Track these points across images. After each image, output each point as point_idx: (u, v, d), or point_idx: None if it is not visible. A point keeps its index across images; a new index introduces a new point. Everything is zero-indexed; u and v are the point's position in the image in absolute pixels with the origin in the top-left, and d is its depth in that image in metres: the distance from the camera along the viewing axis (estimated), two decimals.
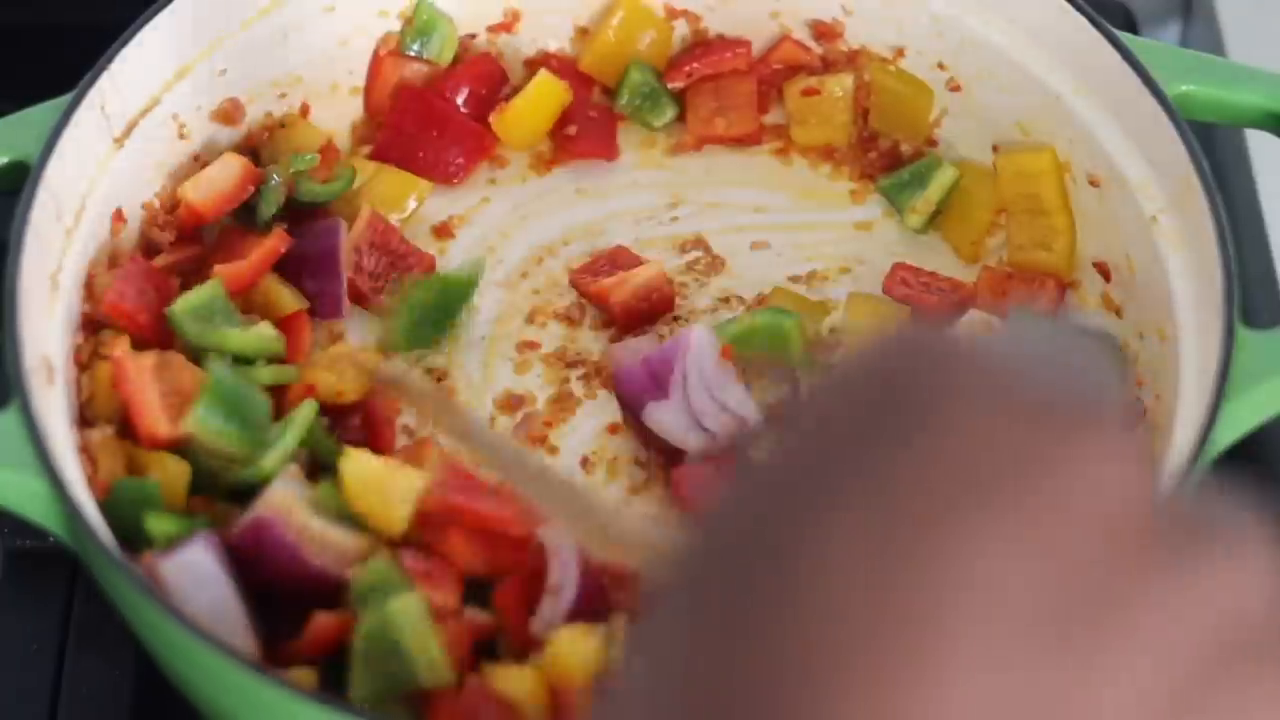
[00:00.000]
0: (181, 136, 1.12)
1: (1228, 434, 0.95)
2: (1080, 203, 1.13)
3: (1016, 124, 1.16)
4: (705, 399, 1.03)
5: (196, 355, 1.03)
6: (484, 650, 0.95)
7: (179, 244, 1.10)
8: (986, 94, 1.17)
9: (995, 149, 1.16)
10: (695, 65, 1.21)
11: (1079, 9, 1.10)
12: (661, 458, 1.06)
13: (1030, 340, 0.49)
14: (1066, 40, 1.11)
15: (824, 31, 1.20)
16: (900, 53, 1.19)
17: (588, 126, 1.20)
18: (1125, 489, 0.45)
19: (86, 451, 0.98)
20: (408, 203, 1.17)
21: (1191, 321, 1.02)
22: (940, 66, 1.18)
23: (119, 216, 1.07)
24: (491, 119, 1.19)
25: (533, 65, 1.22)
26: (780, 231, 1.17)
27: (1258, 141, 1.26)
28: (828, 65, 1.21)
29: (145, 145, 1.10)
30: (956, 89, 1.18)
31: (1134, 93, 1.07)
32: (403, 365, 1.08)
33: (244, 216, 1.12)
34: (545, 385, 1.10)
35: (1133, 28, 1.36)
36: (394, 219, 1.15)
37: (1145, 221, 1.07)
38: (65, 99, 1.04)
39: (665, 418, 1.04)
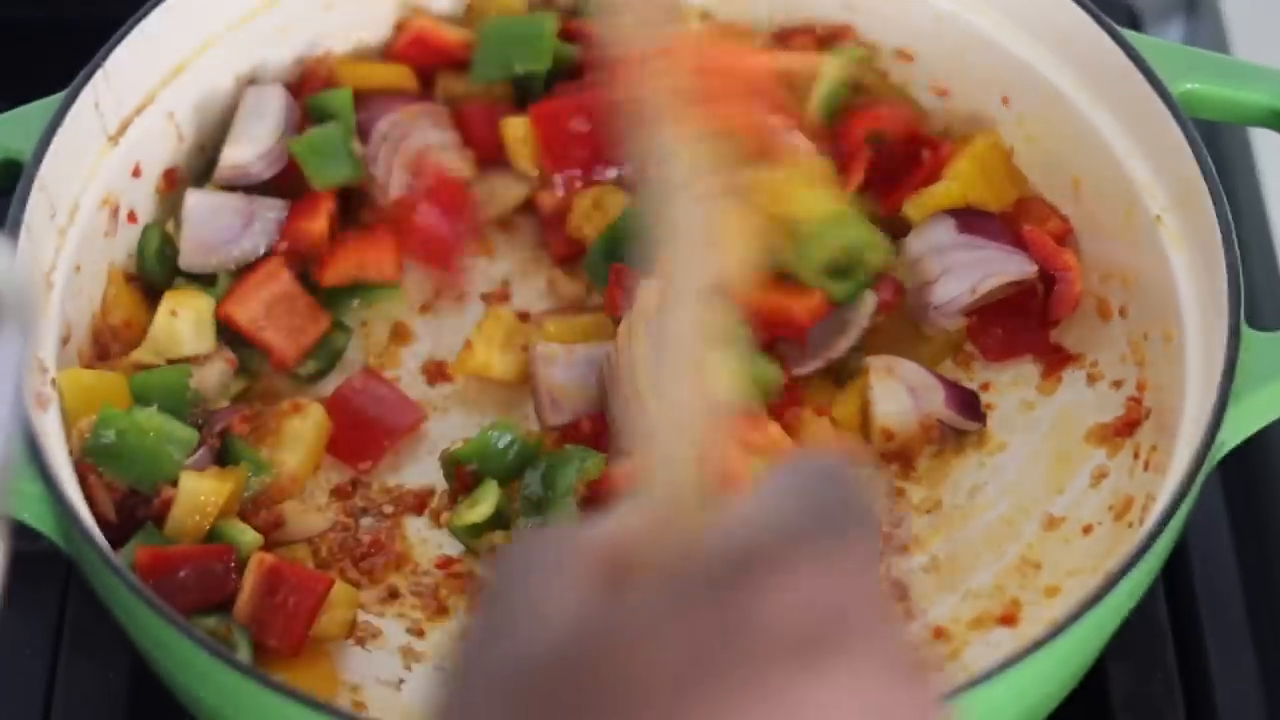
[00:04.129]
0: (180, 139, 1.12)
1: (1233, 436, 0.95)
2: (1083, 202, 1.12)
3: (1018, 122, 1.15)
4: None
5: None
6: None
7: None
8: (989, 93, 1.16)
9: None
10: None
11: (1083, 7, 1.10)
12: None
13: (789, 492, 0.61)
14: (1070, 38, 1.11)
15: (836, 32, 1.20)
16: (902, 52, 1.19)
17: None
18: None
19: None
20: None
21: (1196, 322, 1.02)
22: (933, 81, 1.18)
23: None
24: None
25: None
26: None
27: (1263, 140, 1.26)
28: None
29: (139, 143, 1.09)
30: (943, 93, 1.18)
31: (1138, 91, 1.07)
32: None
33: None
34: None
35: (1137, 25, 1.36)
36: None
37: (1149, 221, 1.06)
38: (59, 97, 1.04)
39: None
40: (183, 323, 1.06)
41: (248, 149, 1.11)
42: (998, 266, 1.11)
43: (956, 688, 0.86)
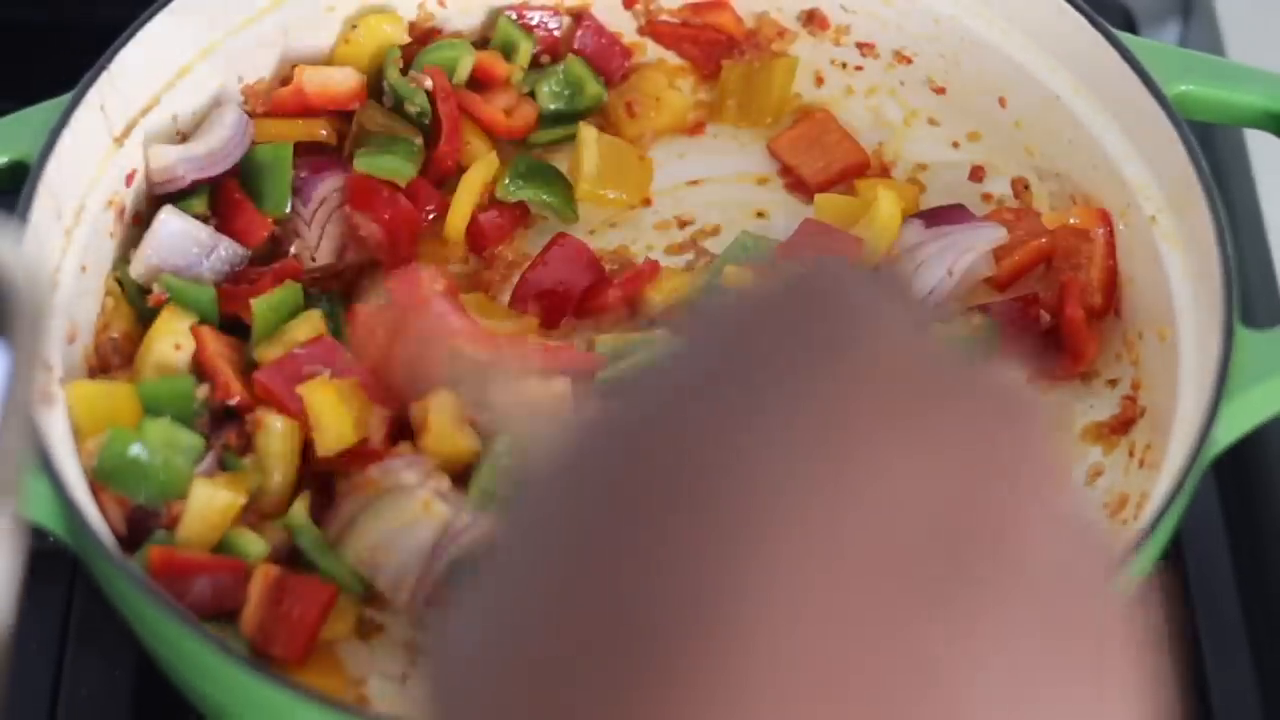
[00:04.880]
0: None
1: (1227, 434, 0.96)
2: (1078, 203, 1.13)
3: (1015, 124, 1.16)
4: None
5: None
6: None
7: None
8: (985, 95, 1.17)
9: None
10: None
11: (1078, 9, 1.10)
12: None
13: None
14: (1066, 40, 1.12)
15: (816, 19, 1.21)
16: (900, 54, 1.19)
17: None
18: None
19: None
20: None
21: (1190, 321, 1.02)
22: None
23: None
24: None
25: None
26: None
27: (1257, 142, 1.26)
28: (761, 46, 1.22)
29: (144, 144, 1.10)
30: (941, 91, 1.19)
31: (1133, 93, 1.07)
32: None
33: None
34: None
35: (1132, 28, 1.36)
36: None
37: (1144, 221, 1.07)
38: (65, 98, 1.04)
39: None
40: (184, 354, 1.05)
41: (174, 152, 1.10)
42: (967, 242, 1.11)
43: None
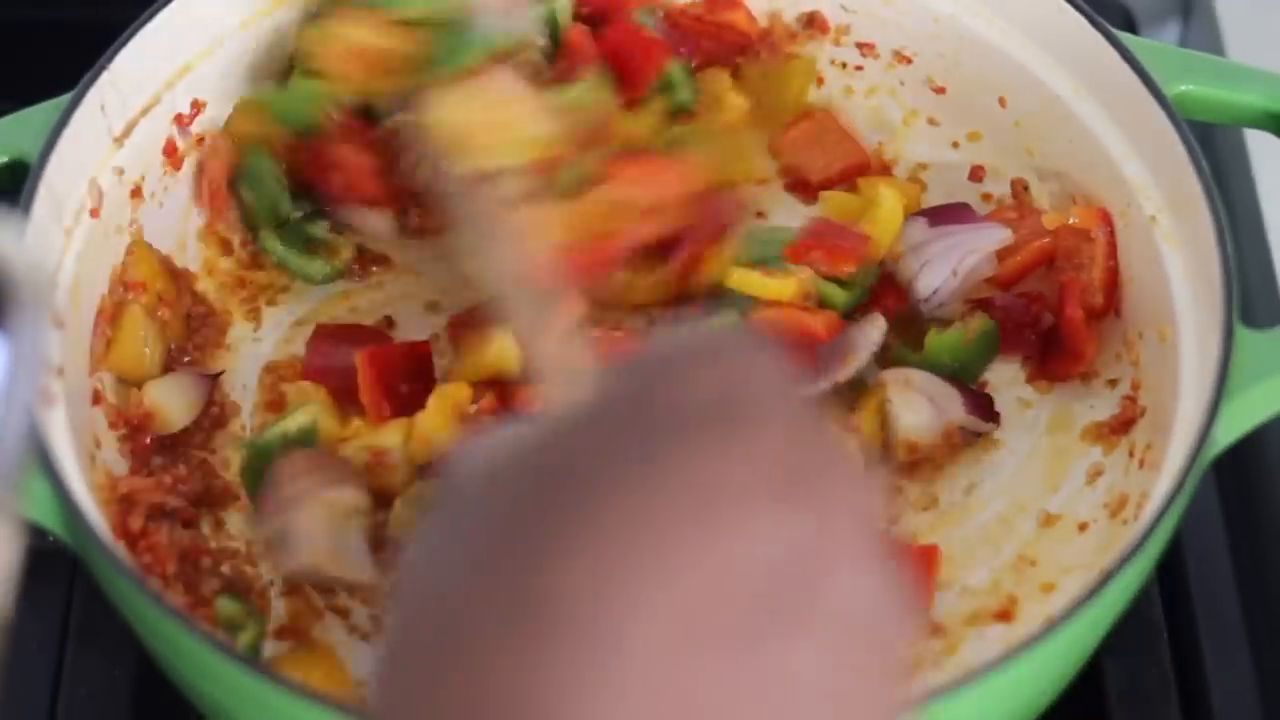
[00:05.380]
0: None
1: (1227, 434, 0.96)
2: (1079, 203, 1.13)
3: (1015, 124, 1.16)
4: None
5: None
6: None
7: None
8: (985, 95, 1.17)
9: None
10: None
11: (1078, 9, 1.11)
12: None
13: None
14: (1066, 40, 1.12)
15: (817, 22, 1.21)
16: (900, 54, 1.19)
17: None
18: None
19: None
20: None
21: (1190, 321, 1.02)
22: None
23: None
24: None
25: None
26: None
27: (1257, 142, 1.26)
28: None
29: (144, 144, 1.10)
30: (941, 91, 1.19)
31: (1133, 93, 1.08)
32: None
33: None
34: None
35: (1132, 27, 1.36)
36: None
37: (1144, 221, 1.07)
38: (65, 98, 1.04)
39: None
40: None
41: None
42: (971, 243, 1.11)
43: (953, 684, 0.87)
